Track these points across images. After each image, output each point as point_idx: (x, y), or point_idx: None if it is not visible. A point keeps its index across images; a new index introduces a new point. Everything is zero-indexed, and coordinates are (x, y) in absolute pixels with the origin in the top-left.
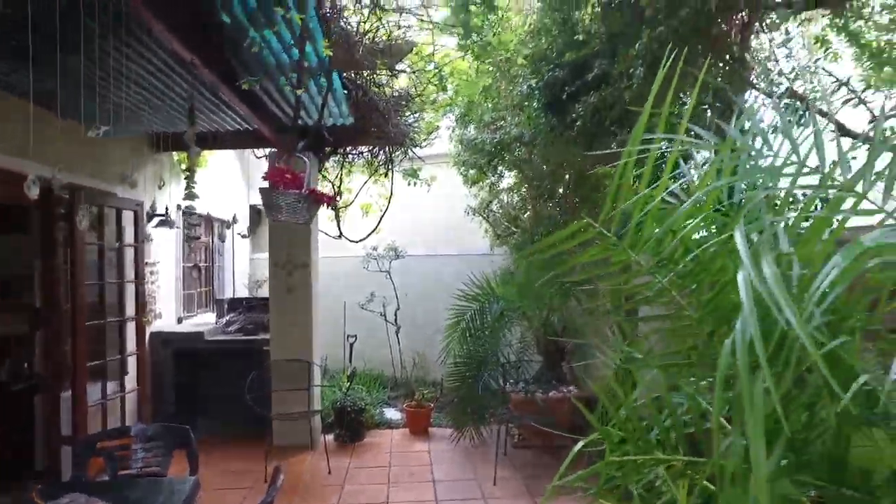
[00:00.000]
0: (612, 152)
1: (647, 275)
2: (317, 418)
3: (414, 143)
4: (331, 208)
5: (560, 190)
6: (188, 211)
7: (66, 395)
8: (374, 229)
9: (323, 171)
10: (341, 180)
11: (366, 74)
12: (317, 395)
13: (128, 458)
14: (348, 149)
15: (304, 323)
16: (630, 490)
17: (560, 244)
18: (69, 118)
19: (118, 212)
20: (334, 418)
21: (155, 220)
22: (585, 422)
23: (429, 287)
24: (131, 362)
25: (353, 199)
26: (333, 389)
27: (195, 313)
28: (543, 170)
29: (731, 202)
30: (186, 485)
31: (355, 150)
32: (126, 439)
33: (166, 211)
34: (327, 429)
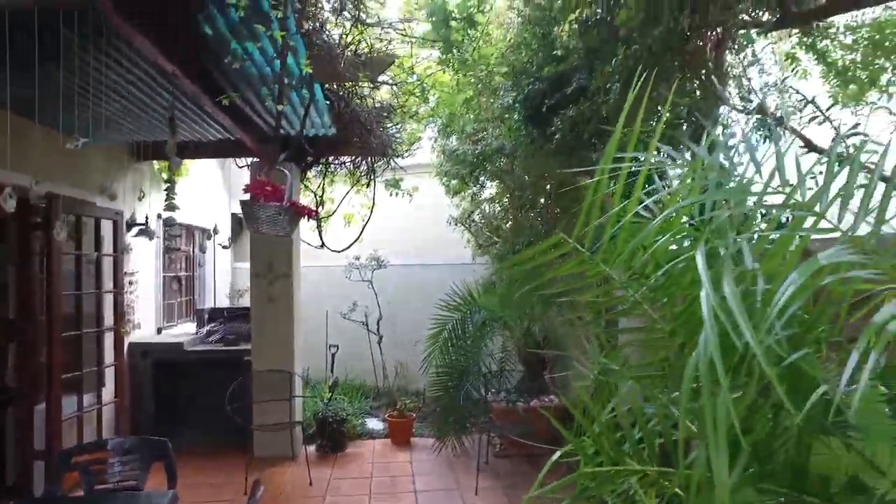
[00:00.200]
0: (588, 169)
1: (621, 288)
2: (298, 429)
3: (396, 153)
4: (312, 219)
5: (541, 200)
6: (169, 222)
7: (40, 408)
8: (356, 239)
9: (305, 181)
10: (324, 190)
11: (348, 86)
12: (298, 405)
13: (104, 472)
14: (331, 159)
15: (285, 333)
16: (605, 500)
17: (538, 257)
18: (47, 125)
19: (97, 221)
20: (316, 429)
21: (134, 230)
22: (566, 431)
23: (411, 296)
24: (109, 374)
25: (336, 209)
26: (315, 400)
27: (175, 323)
28: (525, 180)
29: (702, 217)
30: (164, 499)
31: (338, 160)
32: (102, 453)
33: (146, 220)
34: (309, 440)
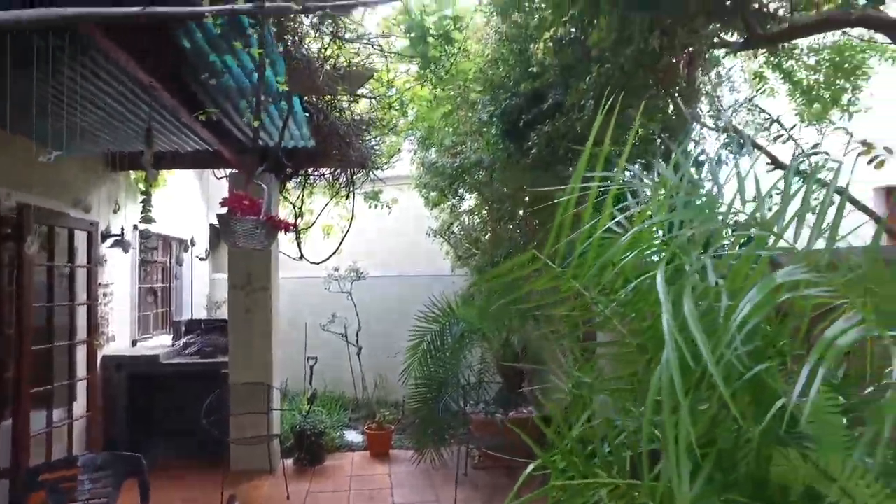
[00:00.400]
0: (562, 188)
1: (593, 303)
2: (276, 442)
3: (375, 165)
4: (290, 233)
5: (520, 212)
6: (145, 234)
7: (7, 424)
8: (335, 251)
9: (284, 193)
10: (303, 201)
11: (327, 99)
12: (276, 418)
13: (73, 490)
14: (310, 170)
15: (263, 345)
16: None
17: (514, 271)
18: (20, 134)
19: (70, 232)
20: (294, 442)
21: (109, 241)
22: (543, 442)
23: (390, 308)
24: (81, 387)
25: (315, 221)
26: (293, 412)
27: (151, 335)
28: (503, 193)
29: (671, 235)
30: None
31: (317, 172)
32: (72, 470)
33: (122, 231)
34: (287, 453)
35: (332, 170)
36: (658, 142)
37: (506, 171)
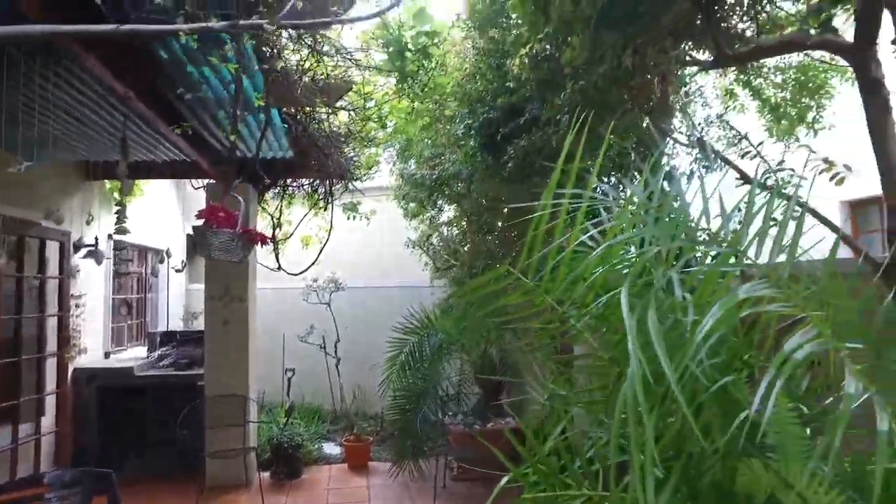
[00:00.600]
0: (536, 204)
1: (564, 317)
2: (252, 455)
3: (354, 177)
4: (266, 245)
5: (499, 224)
6: (119, 246)
7: None
8: (313, 262)
9: (263, 203)
10: (281, 212)
11: (306, 111)
12: (253, 431)
13: None
14: (289, 181)
15: (240, 357)
16: None
17: (490, 285)
18: None
19: (42, 242)
20: (271, 455)
21: (82, 252)
22: (519, 453)
23: (369, 319)
24: (50, 402)
25: (293, 232)
26: (270, 425)
27: (125, 347)
28: (482, 205)
29: (642, 250)
30: None
31: (295, 183)
32: (39, 488)
33: (96, 241)
34: (263, 466)
35: (311, 181)
36: (632, 157)
37: (484, 183)
